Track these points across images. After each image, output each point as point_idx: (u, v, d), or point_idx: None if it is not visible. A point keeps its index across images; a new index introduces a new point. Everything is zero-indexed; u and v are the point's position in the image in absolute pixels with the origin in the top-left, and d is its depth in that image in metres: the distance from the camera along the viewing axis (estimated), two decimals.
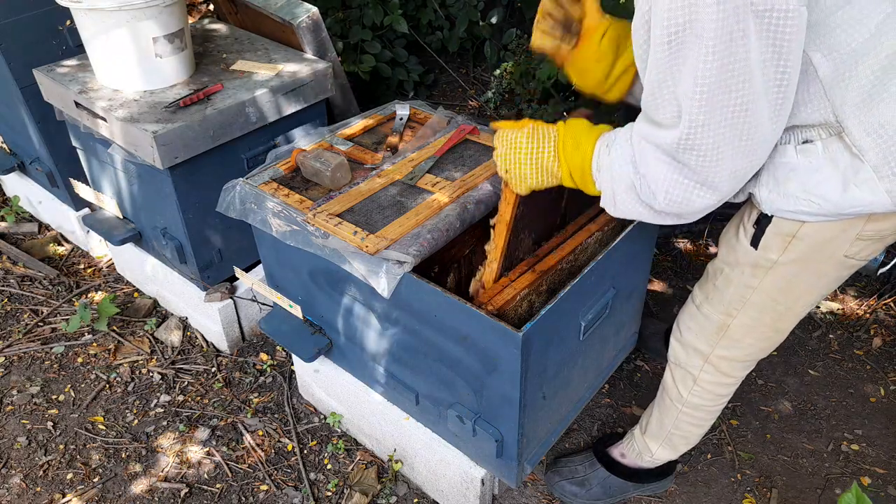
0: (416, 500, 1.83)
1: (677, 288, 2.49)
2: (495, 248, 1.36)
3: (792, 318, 1.34)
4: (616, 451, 1.80)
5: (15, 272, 2.58)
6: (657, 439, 1.67)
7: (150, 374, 2.20)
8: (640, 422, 1.74)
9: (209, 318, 2.20)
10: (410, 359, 1.54)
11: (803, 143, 1.09)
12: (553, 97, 3.28)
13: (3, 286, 2.51)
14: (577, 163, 1.17)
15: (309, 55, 2.12)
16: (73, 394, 2.14)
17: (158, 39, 1.84)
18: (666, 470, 1.78)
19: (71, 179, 2.29)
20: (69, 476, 1.90)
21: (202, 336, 2.31)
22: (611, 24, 1.31)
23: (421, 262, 1.37)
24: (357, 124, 1.82)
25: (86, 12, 1.77)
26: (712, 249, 2.62)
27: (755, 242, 1.25)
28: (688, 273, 2.55)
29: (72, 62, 2.07)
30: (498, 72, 3.32)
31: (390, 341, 1.55)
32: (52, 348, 2.28)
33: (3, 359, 2.25)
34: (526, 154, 1.21)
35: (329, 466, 1.91)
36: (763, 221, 1.22)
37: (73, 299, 2.47)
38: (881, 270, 1.36)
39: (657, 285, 2.51)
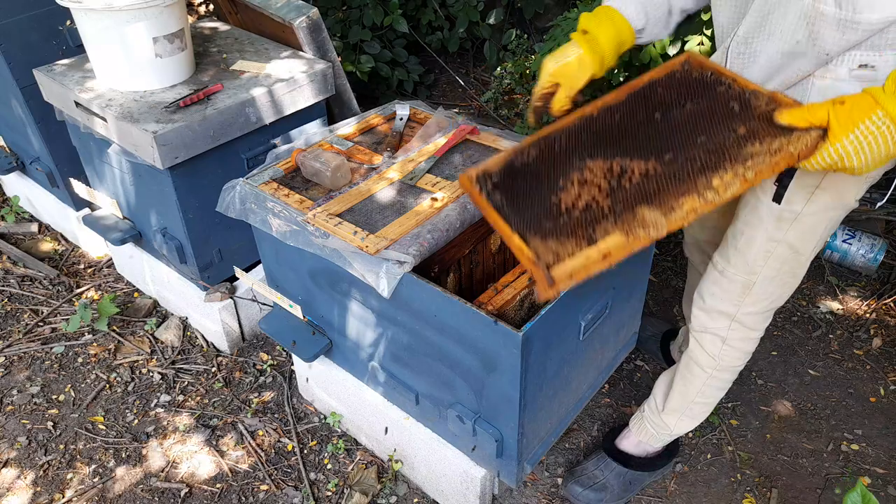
0: (416, 500, 1.83)
1: (677, 288, 2.49)
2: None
3: (806, 263, 1.42)
4: (626, 442, 1.82)
5: (15, 272, 2.58)
6: (676, 413, 1.70)
7: (150, 374, 2.20)
8: (652, 402, 1.76)
9: (209, 318, 2.20)
10: (410, 359, 1.54)
11: (860, 66, 1.11)
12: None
13: (3, 286, 2.51)
14: None
15: (309, 55, 2.12)
16: (73, 394, 2.14)
17: (158, 39, 1.84)
18: (672, 449, 1.84)
19: (71, 179, 2.29)
20: (69, 476, 1.90)
21: (202, 336, 2.31)
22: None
23: (421, 262, 1.37)
24: (357, 124, 1.82)
25: (86, 12, 1.77)
26: None
27: (778, 198, 1.31)
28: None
29: (72, 62, 2.07)
30: (498, 72, 3.32)
31: (390, 341, 1.56)
32: (52, 348, 2.28)
33: (3, 359, 2.25)
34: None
35: (329, 466, 1.91)
36: (784, 179, 1.29)
37: (73, 299, 2.47)
38: (879, 204, 1.44)
39: (657, 285, 2.51)
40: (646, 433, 1.78)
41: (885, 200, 1.39)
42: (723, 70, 1.22)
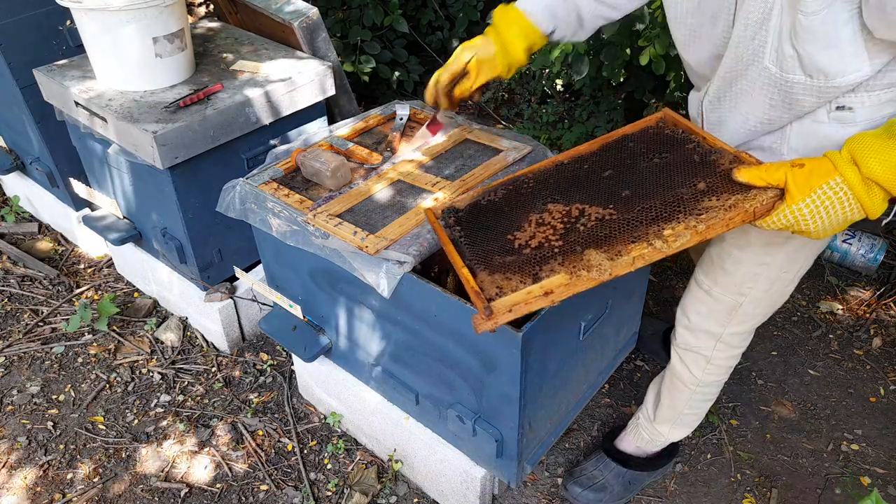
0: (416, 500, 1.83)
1: (677, 288, 2.49)
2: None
3: (796, 281, 1.41)
4: (624, 444, 1.82)
5: (15, 272, 2.58)
6: (668, 422, 1.71)
7: (150, 374, 2.20)
8: (644, 411, 1.76)
9: (209, 318, 2.20)
10: (410, 359, 1.54)
11: (837, 109, 1.10)
12: (552, 97, 3.28)
13: (3, 286, 2.51)
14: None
15: (309, 55, 2.12)
16: (73, 394, 2.14)
17: (158, 39, 1.84)
18: (672, 449, 1.83)
19: (71, 179, 2.29)
20: (69, 476, 1.90)
21: (202, 336, 2.31)
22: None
23: (421, 262, 1.37)
24: (357, 124, 1.82)
25: (86, 12, 1.77)
26: None
27: None
28: (688, 273, 2.55)
29: (72, 62, 2.07)
30: None
31: (390, 341, 1.56)
32: (52, 348, 2.28)
33: (3, 359, 2.25)
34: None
35: (329, 466, 1.91)
36: None
37: (73, 299, 2.47)
38: (885, 221, 1.42)
39: (657, 285, 2.51)
40: (641, 439, 1.79)
41: (891, 217, 1.38)
42: (694, 128, 1.25)
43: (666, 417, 1.70)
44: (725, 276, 1.41)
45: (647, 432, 1.76)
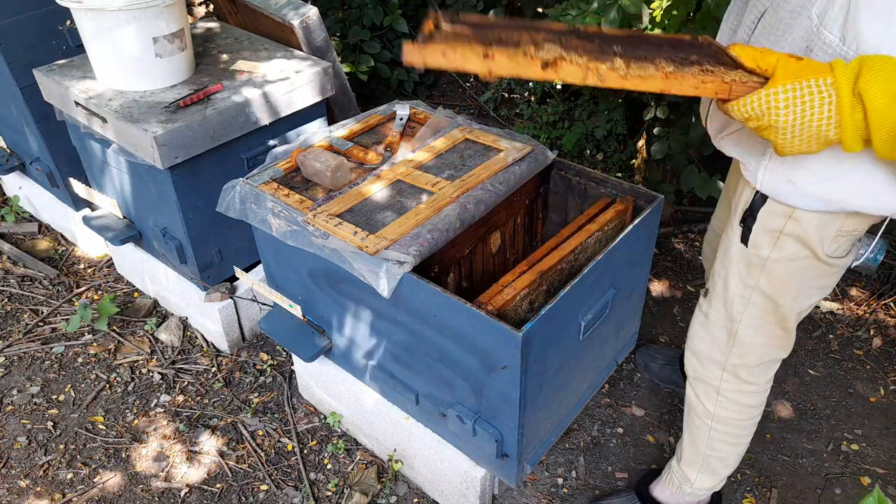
0: (416, 500, 1.83)
1: (677, 288, 2.49)
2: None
3: (791, 317, 1.34)
4: (658, 490, 1.73)
5: (15, 272, 2.58)
6: (694, 465, 1.60)
7: (150, 374, 2.20)
8: (676, 451, 1.68)
9: (209, 318, 2.20)
10: (410, 359, 1.54)
11: None
12: (552, 97, 3.28)
13: (3, 286, 2.51)
14: (891, 124, 0.90)
15: (309, 55, 2.12)
16: (73, 394, 2.14)
17: (158, 39, 1.84)
18: None
19: (71, 179, 2.29)
20: (69, 476, 1.90)
21: (202, 336, 2.31)
22: None
23: (421, 262, 1.37)
24: (357, 124, 1.82)
25: (86, 12, 1.77)
26: None
27: (745, 240, 1.27)
28: (688, 273, 2.56)
29: (72, 62, 2.07)
30: None
31: (390, 341, 1.56)
32: (52, 348, 2.28)
33: (3, 359, 2.25)
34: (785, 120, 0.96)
35: (329, 466, 1.91)
36: (748, 220, 1.24)
37: (73, 299, 2.47)
38: (855, 264, 1.38)
39: (657, 285, 2.51)
40: (673, 485, 1.68)
41: (861, 261, 1.37)
42: (723, 48, 1.14)
43: (689, 458, 1.60)
44: (716, 296, 1.38)
45: (676, 476, 1.66)
